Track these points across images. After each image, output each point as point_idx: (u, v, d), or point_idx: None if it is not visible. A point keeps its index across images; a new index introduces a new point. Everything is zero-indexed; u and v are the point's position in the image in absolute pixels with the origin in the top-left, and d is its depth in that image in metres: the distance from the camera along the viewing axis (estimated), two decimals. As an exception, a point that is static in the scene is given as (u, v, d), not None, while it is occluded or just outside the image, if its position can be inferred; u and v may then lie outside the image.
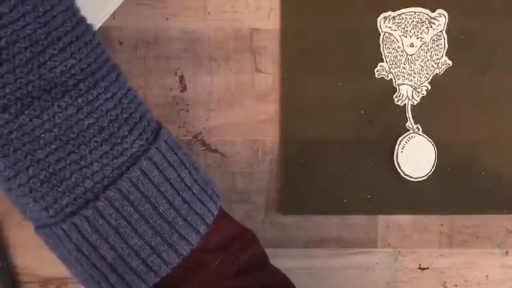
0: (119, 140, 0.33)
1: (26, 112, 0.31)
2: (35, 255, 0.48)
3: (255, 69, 0.49)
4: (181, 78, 0.49)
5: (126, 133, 0.34)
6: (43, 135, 0.31)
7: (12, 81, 0.31)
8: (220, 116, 0.49)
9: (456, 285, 0.52)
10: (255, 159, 0.49)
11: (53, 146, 0.32)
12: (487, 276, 0.52)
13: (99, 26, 0.47)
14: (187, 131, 0.49)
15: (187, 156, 0.37)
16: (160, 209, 0.34)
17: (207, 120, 0.49)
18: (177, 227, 0.35)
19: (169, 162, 0.35)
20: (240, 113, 0.49)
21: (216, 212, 0.37)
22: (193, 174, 0.37)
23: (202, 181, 0.37)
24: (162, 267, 0.34)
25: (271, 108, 0.49)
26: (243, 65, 0.49)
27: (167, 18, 0.48)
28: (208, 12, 0.48)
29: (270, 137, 0.49)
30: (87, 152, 0.32)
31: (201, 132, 0.49)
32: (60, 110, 0.32)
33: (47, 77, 0.32)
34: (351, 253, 0.51)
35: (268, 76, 0.49)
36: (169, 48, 0.48)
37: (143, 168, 0.34)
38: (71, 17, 0.34)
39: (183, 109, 0.49)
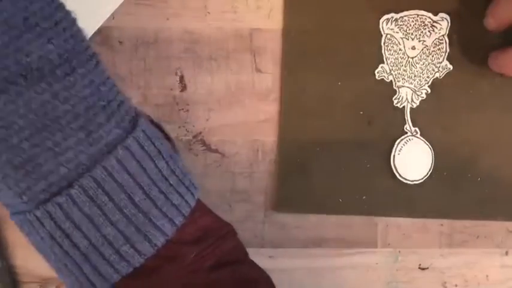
0: (95, 128, 0.33)
1: (1, 97, 0.31)
2: (35, 255, 0.48)
3: (255, 69, 0.49)
4: (182, 78, 0.49)
5: (102, 121, 0.33)
6: (18, 120, 0.31)
7: None
8: (220, 116, 0.49)
9: (456, 285, 0.52)
10: (255, 159, 0.49)
11: (28, 132, 0.32)
12: (487, 276, 0.52)
13: (99, 26, 0.47)
14: (187, 131, 0.49)
15: (165, 146, 0.37)
16: (135, 199, 0.34)
17: (207, 120, 0.49)
18: (152, 217, 0.34)
19: (146, 152, 0.35)
20: (240, 113, 0.49)
21: (193, 204, 0.37)
22: (171, 165, 0.37)
23: (180, 172, 0.37)
24: (136, 257, 0.34)
25: (271, 108, 0.49)
26: (243, 65, 0.49)
27: (167, 18, 0.48)
28: (209, 12, 0.48)
29: (270, 137, 0.49)
30: (62, 138, 0.32)
31: (201, 132, 0.49)
32: (35, 96, 0.31)
33: (23, 62, 0.31)
34: (351, 253, 0.51)
35: (268, 76, 0.49)
36: (169, 48, 0.48)
37: (119, 157, 0.33)
38: (50, 3, 0.33)
39: (183, 109, 0.49)
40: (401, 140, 0.49)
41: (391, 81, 0.49)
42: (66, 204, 0.32)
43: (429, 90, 0.49)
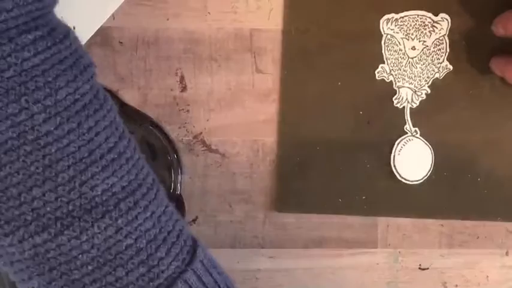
0: (156, 262, 0.33)
1: (65, 232, 0.30)
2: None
3: (255, 70, 0.49)
4: (182, 79, 0.49)
5: (163, 255, 0.33)
6: (80, 256, 0.31)
7: (53, 200, 0.30)
8: (220, 116, 0.49)
9: (456, 286, 0.52)
10: (255, 159, 0.49)
11: (90, 267, 0.31)
12: (487, 276, 0.52)
13: (99, 26, 0.47)
14: (188, 131, 0.49)
15: (221, 276, 0.36)
16: None
17: (207, 120, 0.49)
18: None
19: (203, 283, 0.34)
20: (240, 113, 0.49)
21: None
22: None
23: None
24: None
25: (271, 108, 0.49)
26: (243, 65, 0.49)
27: (167, 19, 0.48)
28: (209, 13, 0.48)
29: (270, 137, 0.49)
30: (124, 274, 0.32)
31: (201, 133, 0.49)
32: (99, 231, 0.31)
33: (88, 196, 0.31)
34: (351, 253, 0.51)
35: (268, 76, 0.49)
36: (169, 49, 0.48)
37: None
38: (114, 132, 0.33)
39: (183, 109, 0.49)
40: (401, 140, 0.49)
41: (391, 81, 0.49)
42: None
43: (429, 91, 0.49)
